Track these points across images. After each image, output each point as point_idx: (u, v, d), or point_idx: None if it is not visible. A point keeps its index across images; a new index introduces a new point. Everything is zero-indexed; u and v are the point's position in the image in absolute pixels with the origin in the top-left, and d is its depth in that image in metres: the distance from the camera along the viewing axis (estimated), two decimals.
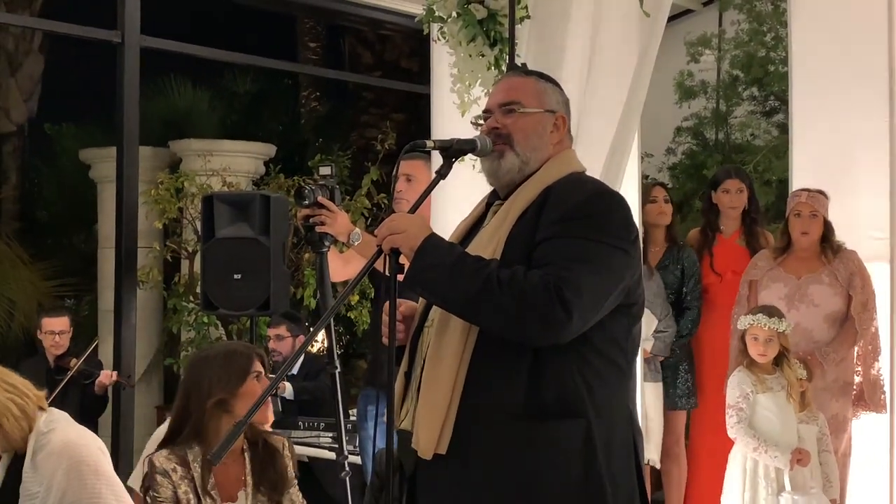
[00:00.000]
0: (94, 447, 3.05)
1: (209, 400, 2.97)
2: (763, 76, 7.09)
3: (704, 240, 5.23)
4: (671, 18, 3.77)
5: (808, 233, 4.59)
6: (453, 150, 2.36)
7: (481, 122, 2.44)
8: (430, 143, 2.39)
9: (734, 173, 5.33)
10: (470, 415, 2.21)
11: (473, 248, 2.30)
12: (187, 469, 2.94)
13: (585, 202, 2.27)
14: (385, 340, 2.32)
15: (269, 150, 8.58)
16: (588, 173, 2.48)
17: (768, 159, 6.78)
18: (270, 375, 3.08)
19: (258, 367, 3.05)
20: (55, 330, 5.67)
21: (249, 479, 3.02)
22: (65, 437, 2.99)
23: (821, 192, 4.62)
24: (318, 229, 3.31)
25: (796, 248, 4.64)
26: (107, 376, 5.47)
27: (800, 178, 5.06)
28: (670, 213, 5.26)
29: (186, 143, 8.29)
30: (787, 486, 4.11)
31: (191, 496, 2.93)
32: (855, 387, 4.61)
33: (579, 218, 2.23)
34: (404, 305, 2.40)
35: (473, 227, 2.46)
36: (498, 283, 2.14)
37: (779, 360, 4.27)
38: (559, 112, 2.43)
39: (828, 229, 4.61)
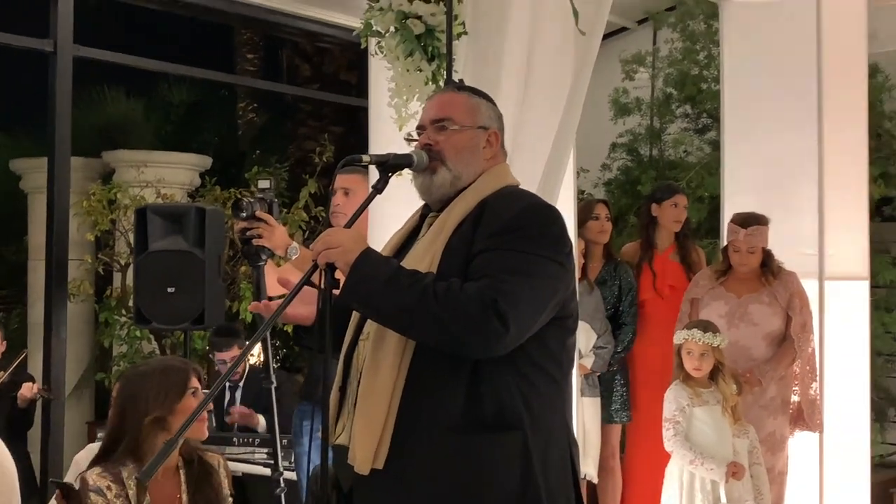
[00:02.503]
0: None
1: (146, 417, 2.92)
2: (696, 94, 7.19)
3: (644, 254, 5.29)
4: (606, 36, 3.81)
5: (746, 265, 4.68)
6: (390, 165, 2.36)
7: (415, 138, 2.45)
8: (366, 158, 2.38)
9: (679, 189, 5.42)
10: (407, 429, 2.21)
11: (409, 261, 2.30)
12: (122, 487, 2.89)
13: (521, 215, 2.28)
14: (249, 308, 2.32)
15: (205, 161, 8.49)
16: (525, 188, 2.49)
17: (701, 176, 6.87)
18: (205, 391, 3.04)
19: (194, 382, 3.01)
20: None
21: (185, 497, 2.98)
22: None
23: (760, 223, 4.64)
24: (256, 242, 3.28)
25: (734, 272, 4.72)
26: (28, 389, 5.34)
27: (731, 195, 5.15)
28: (610, 230, 5.31)
29: (120, 153, 8.16)
30: (723, 499, 4.16)
31: None
32: (792, 406, 4.69)
33: (515, 230, 2.24)
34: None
35: (407, 239, 2.47)
36: (434, 296, 2.14)
37: (714, 375, 4.33)
38: (492, 128, 2.44)
39: (767, 256, 4.68)
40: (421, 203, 2.53)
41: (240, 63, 11.16)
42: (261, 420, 5.68)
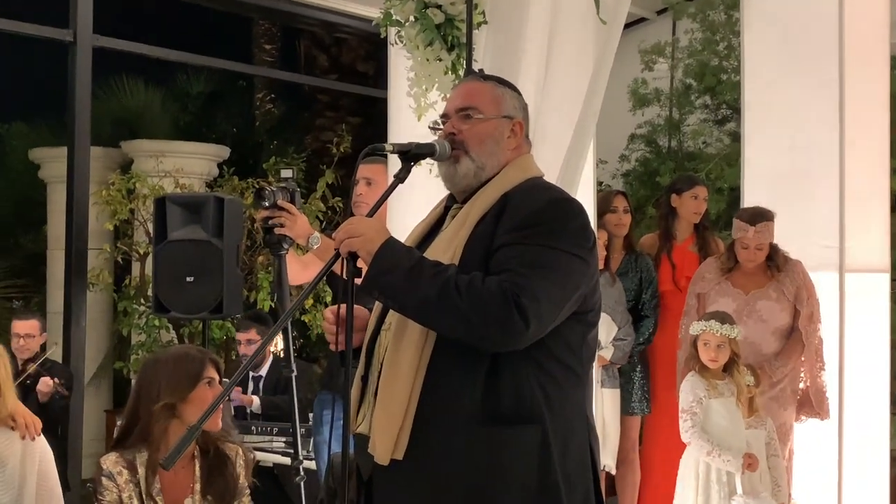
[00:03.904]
0: None
1: (157, 404, 2.92)
2: (715, 85, 7.15)
3: (663, 245, 5.26)
4: (625, 26, 3.79)
5: (754, 261, 4.66)
6: (412, 154, 2.35)
7: (439, 126, 2.44)
8: (388, 147, 2.37)
9: (699, 181, 5.40)
10: (427, 421, 2.21)
11: (431, 253, 2.29)
12: (133, 473, 2.91)
13: (543, 209, 2.27)
14: (332, 347, 2.30)
15: (223, 151, 8.51)
16: (545, 178, 2.48)
17: (720, 167, 6.84)
18: (226, 380, 3.05)
19: (211, 372, 3.00)
20: (21, 333, 5.53)
21: (197, 487, 2.98)
22: None
23: (767, 218, 4.62)
24: (278, 231, 3.28)
25: (741, 267, 4.70)
26: (45, 384, 5.33)
27: (751, 186, 5.11)
28: (628, 223, 5.29)
29: (138, 143, 8.18)
30: (739, 490, 4.15)
31: (135, 500, 2.89)
32: (799, 393, 4.67)
33: (537, 225, 2.23)
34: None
35: (431, 230, 2.46)
36: (456, 288, 2.13)
37: (728, 367, 4.32)
38: (516, 118, 2.43)
39: (773, 250, 4.66)
40: (442, 193, 2.52)
41: (257, 53, 11.18)
42: (255, 400, 5.70)
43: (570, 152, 3.54)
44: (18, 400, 3.40)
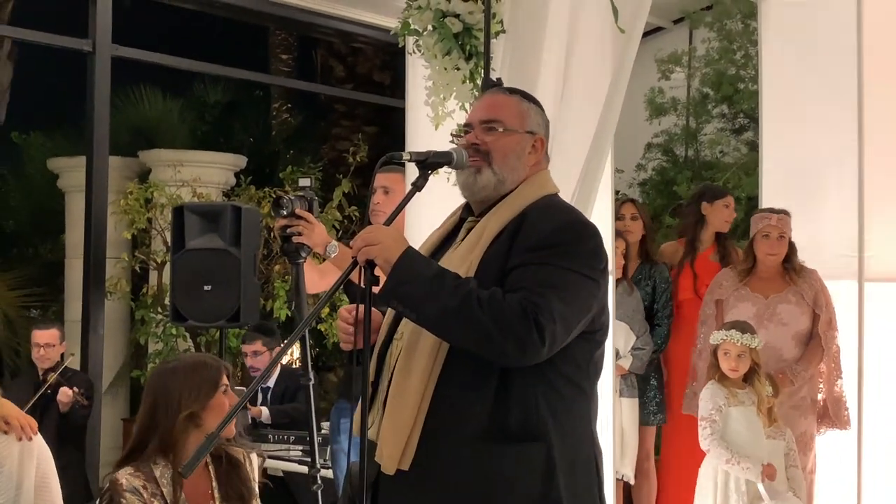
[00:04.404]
0: None
1: (180, 413, 2.90)
2: (733, 94, 7.14)
3: (687, 254, 5.24)
4: (642, 35, 3.78)
5: (776, 254, 4.63)
6: (429, 163, 2.35)
7: (460, 135, 2.44)
8: (406, 155, 2.38)
9: (727, 191, 5.40)
10: (434, 433, 2.22)
11: (445, 266, 2.29)
12: (156, 486, 2.87)
13: (559, 230, 2.29)
14: (345, 346, 2.32)
15: (240, 161, 8.54)
16: (563, 189, 2.50)
17: (737, 176, 6.83)
18: (239, 388, 3.05)
19: (226, 380, 3.02)
20: (41, 342, 5.53)
21: (216, 493, 2.98)
22: None
23: (786, 213, 4.65)
24: (296, 240, 3.29)
25: (760, 269, 4.68)
26: (65, 394, 5.33)
27: (769, 196, 5.10)
28: (637, 229, 5.29)
29: (156, 153, 8.22)
30: (764, 495, 4.12)
31: None
32: (818, 404, 4.65)
33: (553, 246, 2.25)
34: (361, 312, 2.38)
35: (444, 240, 2.46)
36: (478, 301, 2.15)
37: (749, 376, 4.30)
38: (539, 134, 2.44)
39: (791, 250, 4.66)
40: (457, 203, 2.53)
41: (274, 63, 11.22)
42: (263, 411, 5.70)
43: (588, 162, 3.53)
44: (8, 401, 3.37)
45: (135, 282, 7.83)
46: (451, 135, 2.47)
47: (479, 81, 3.56)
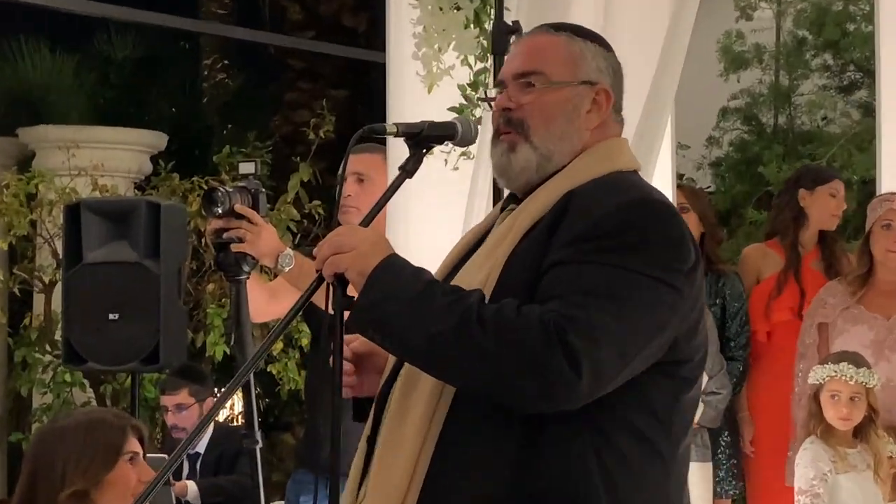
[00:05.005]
0: None
1: (62, 491, 2.89)
2: (839, 38, 7.16)
3: (790, 262, 5.19)
4: None
5: None
6: (423, 138, 2.34)
7: (493, 97, 2.41)
8: (390, 129, 2.37)
9: (835, 173, 5.40)
10: (434, 500, 2.19)
11: (462, 276, 2.26)
12: None
13: (617, 213, 2.20)
14: (346, 393, 2.31)
15: (159, 140, 8.57)
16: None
17: (847, 152, 6.84)
18: (157, 455, 3.04)
19: (133, 445, 2.99)
20: None
21: None
22: None
23: None
24: (235, 248, 3.29)
25: (879, 277, 4.68)
26: None
27: (891, 177, 5.10)
28: (690, 226, 5.28)
29: (42, 130, 8.26)
30: None
31: None
32: None
33: (606, 236, 2.17)
34: (358, 341, 2.35)
35: (478, 243, 2.41)
36: (479, 320, 2.10)
37: (862, 428, 4.30)
38: (601, 83, 2.36)
39: None
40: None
41: (205, 5, 11.25)
42: (188, 487, 5.70)
43: (640, 136, 3.54)
44: None
45: (13, 309, 7.83)
46: (479, 100, 2.44)
47: (487, 26, 3.56)
